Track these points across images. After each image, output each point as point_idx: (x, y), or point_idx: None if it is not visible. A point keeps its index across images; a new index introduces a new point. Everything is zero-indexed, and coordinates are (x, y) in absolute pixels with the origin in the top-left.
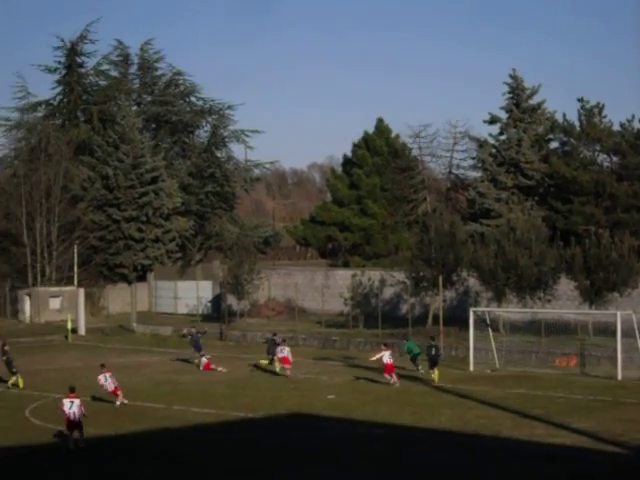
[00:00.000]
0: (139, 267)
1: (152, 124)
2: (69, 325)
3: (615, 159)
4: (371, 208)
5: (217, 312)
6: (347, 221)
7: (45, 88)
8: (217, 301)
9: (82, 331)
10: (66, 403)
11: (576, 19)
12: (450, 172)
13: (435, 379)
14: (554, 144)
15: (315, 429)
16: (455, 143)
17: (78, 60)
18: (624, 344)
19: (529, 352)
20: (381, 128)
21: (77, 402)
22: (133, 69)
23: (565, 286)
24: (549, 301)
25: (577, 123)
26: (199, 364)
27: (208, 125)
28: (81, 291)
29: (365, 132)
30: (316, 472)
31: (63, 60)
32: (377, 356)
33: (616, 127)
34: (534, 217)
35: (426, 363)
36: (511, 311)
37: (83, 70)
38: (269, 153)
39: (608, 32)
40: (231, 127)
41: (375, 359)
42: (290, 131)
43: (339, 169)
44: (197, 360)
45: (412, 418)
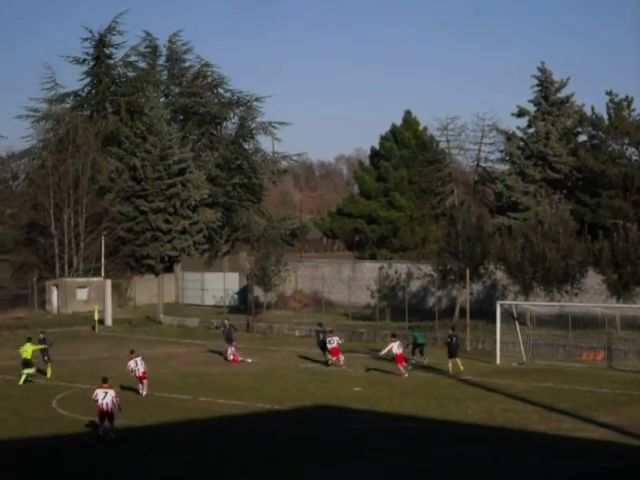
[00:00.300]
0: (166, 258)
1: (180, 115)
2: (96, 316)
3: None
4: (398, 201)
5: (244, 304)
6: (374, 213)
7: (73, 79)
8: (244, 293)
9: (109, 322)
10: (100, 393)
11: (605, 13)
12: (478, 165)
13: (451, 369)
14: (582, 137)
15: (341, 421)
16: (483, 136)
17: (106, 51)
18: None
19: (556, 346)
20: (409, 120)
21: (111, 392)
22: (161, 60)
23: (592, 280)
24: (576, 295)
25: (606, 116)
26: (227, 356)
27: (236, 117)
28: (108, 282)
29: (393, 124)
30: (341, 464)
31: (91, 51)
32: (387, 349)
33: None
34: (562, 210)
35: (446, 353)
36: (538, 304)
37: (111, 61)
38: (297, 145)
39: (638, 24)
40: (259, 119)
41: (385, 352)
42: (318, 123)
43: (367, 161)
44: (230, 350)
45: (438, 411)
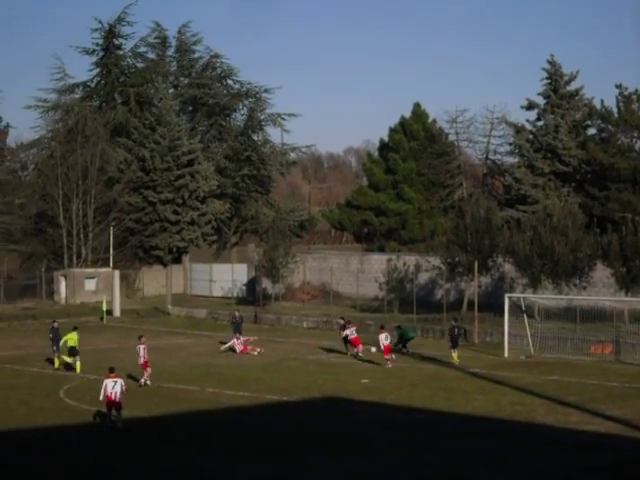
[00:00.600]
0: (174, 249)
1: (189, 107)
2: (104, 307)
3: None
4: (407, 193)
5: (252, 295)
6: (383, 206)
7: (83, 70)
8: (252, 284)
9: (117, 313)
10: (109, 383)
11: (614, 6)
12: (487, 158)
13: (456, 359)
14: (592, 130)
15: (349, 413)
16: (492, 129)
17: (116, 42)
18: None
19: (564, 339)
20: (418, 113)
21: (120, 381)
22: (170, 51)
23: (601, 273)
24: (585, 288)
25: (615, 109)
26: (234, 347)
27: (245, 108)
28: (116, 273)
29: (402, 117)
30: (349, 456)
31: (101, 42)
32: (380, 343)
33: None
34: (571, 204)
35: (448, 343)
36: (546, 297)
37: (121, 52)
38: (305, 137)
39: None
40: (268, 110)
41: (376, 349)
42: (327, 115)
43: (375, 153)
44: (236, 341)
45: (446, 403)
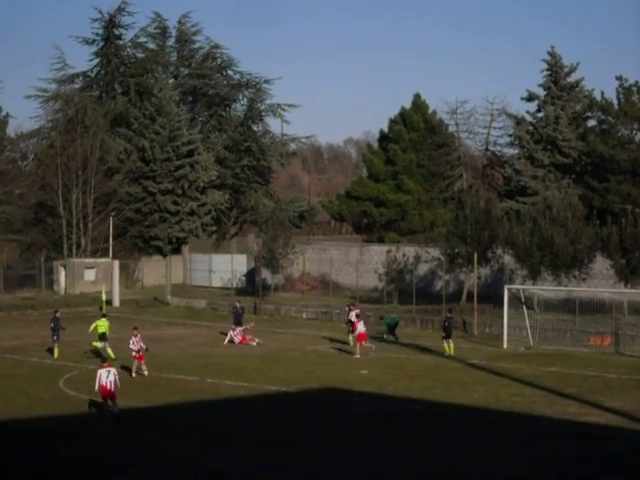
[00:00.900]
0: (174, 240)
1: (189, 97)
2: (103, 297)
3: None
4: (407, 184)
5: (251, 286)
6: (382, 197)
7: (83, 60)
8: (251, 275)
9: (116, 303)
10: (103, 373)
11: None
12: (487, 149)
13: (447, 350)
14: (592, 122)
15: (348, 404)
16: (492, 120)
17: (116, 32)
18: None
19: (563, 330)
20: (418, 104)
21: (113, 370)
22: (170, 42)
23: (600, 265)
24: (584, 279)
25: (615, 101)
26: (233, 337)
27: (245, 99)
28: (116, 263)
29: (402, 108)
30: (347, 446)
31: (101, 32)
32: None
33: None
34: (570, 195)
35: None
36: (546, 289)
37: (121, 42)
38: (305, 128)
39: None
40: (268, 101)
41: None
42: (327, 106)
43: (375, 144)
44: (232, 332)
45: (445, 394)
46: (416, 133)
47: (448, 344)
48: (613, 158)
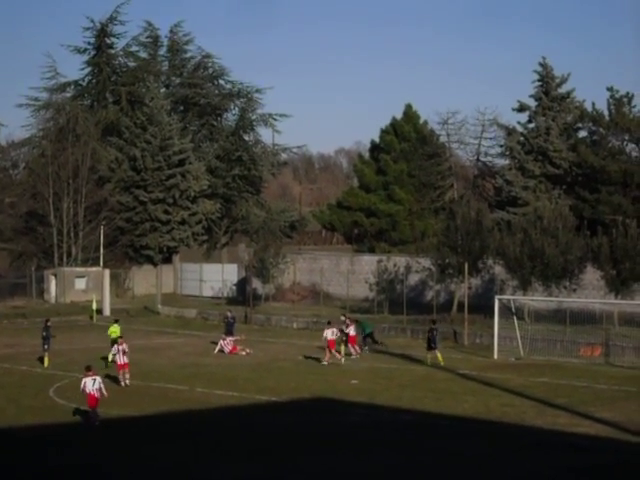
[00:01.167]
0: (165, 249)
1: (180, 106)
2: (94, 306)
3: None
4: (398, 194)
5: (242, 295)
6: (373, 207)
7: (74, 69)
8: (242, 284)
9: (107, 312)
10: (88, 381)
11: (606, 9)
12: (478, 159)
13: (430, 360)
14: (583, 133)
15: (338, 413)
16: (483, 130)
17: (108, 41)
18: None
19: (554, 341)
20: (409, 114)
21: (98, 379)
22: (162, 51)
23: (591, 275)
24: (575, 290)
25: (606, 112)
26: (223, 347)
27: (236, 108)
28: (106, 272)
29: (393, 118)
30: (337, 456)
31: (93, 41)
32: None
33: None
34: (561, 206)
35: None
36: (536, 299)
37: (112, 51)
38: (297, 137)
39: (638, 21)
40: (259, 111)
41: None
42: (318, 116)
43: (366, 154)
44: (222, 342)
45: (435, 404)
46: (407, 143)
47: (434, 355)
48: (604, 169)
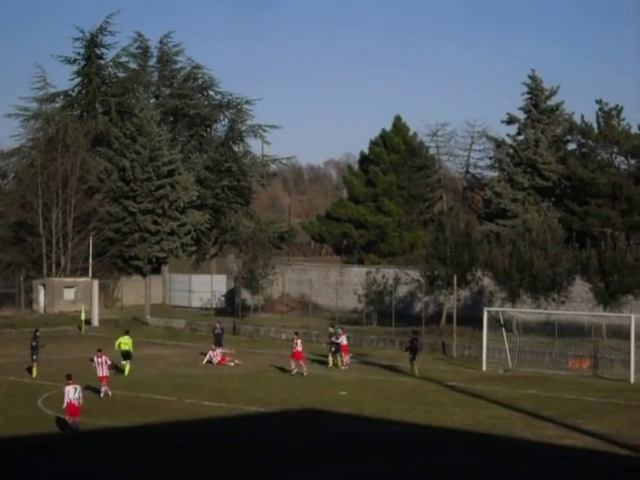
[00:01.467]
0: (154, 260)
1: (170, 117)
2: (83, 316)
3: (632, 162)
4: (387, 206)
5: (231, 306)
6: (362, 218)
7: (64, 79)
8: (231, 295)
9: (96, 322)
10: (70, 390)
11: (596, 21)
12: (467, 171)
13: (416, 371)
14: (572, 145)
15: (326, 425)
16: (472, 142)
17: (97, 52)
18: (638, 347)
19: (542, 353)
20: (399, 126)
21: (79, 388)
22: (152, 62)
23: (580, 288)
24: (563, 302)
25: (595, 125)
26: (212, 358)
27: (226, 119)
28: (95, 282)
29: (383, 130)
30: (325, 467)
31: (82, 51)
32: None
33: (634, 130)
34: (550, 218)
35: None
36: (525, 312)
37: (102, 62)
38: (286, 149)
39: (628, 34)
40: (249, 122)
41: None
42: (307, 127)
43: (356, 166)
44: (212, 353)
45: (424, 416)
46: (396, 155)
47: (415, 363)
48: (593, 181)
